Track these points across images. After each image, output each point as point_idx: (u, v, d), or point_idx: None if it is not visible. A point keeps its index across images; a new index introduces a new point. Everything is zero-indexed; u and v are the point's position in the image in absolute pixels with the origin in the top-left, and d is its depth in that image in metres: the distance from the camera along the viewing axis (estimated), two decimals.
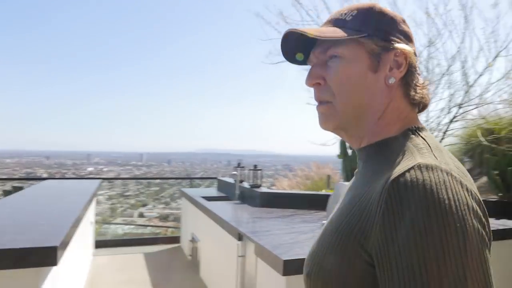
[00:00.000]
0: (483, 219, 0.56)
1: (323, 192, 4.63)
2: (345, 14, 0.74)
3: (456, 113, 3.98)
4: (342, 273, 0.62)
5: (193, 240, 4.62)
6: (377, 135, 0.73)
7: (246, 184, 4.76)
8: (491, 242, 0.56)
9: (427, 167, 0.58)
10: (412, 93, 0.73)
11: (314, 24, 4.32)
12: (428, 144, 0.66)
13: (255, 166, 4.66)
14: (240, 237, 2.99)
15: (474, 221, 0.54)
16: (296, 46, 0.77)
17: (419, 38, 3.93)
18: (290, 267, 2.19)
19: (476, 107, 4.13)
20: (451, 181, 0.56)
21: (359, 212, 0.62)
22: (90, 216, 4.40)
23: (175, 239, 5.78)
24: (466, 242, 0.51)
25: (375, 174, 0.67)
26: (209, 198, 4.72)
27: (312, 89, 0.77)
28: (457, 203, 0.54)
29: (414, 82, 0.73)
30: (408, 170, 0.58)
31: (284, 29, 4.44)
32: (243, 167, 5.03)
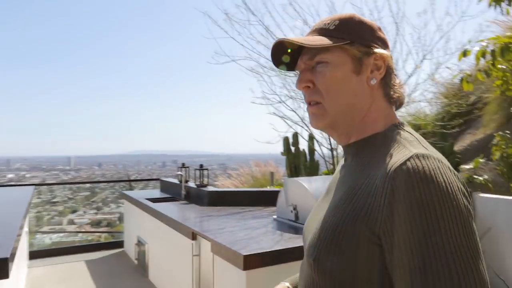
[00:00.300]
0: (468, 197, 0.67)
1: (269, 188, 4.75)
2: (328, 23, 0.82)
3: None
4: (351, 253, 0.69)
5: (140, 243, 4.51)
6: (364, 132, 0.82)
7: (192, 184, 4.74)
8: (473, 216, 0.67)
9: (423, 156, 0.67)
10: (391, 92, 0.83)
11: (259, 25, 4.43)
12: (416, 138, 0.77)
13: (201, 165, 4.66)
14: (194, 236, 2.99)
15: (463, 199, 0.64)
16: (283, 53, 0.85)
17: None
18: (250, 262, 2.25)
19: (406, 106, 4.50)
20: (443, 167, 0.66)
21: (364, 199, 0.70)
22: (25, 225, 4.11)
23: (118, 244, 5.57)
24: (461, 216, 0.62)
25: (370, 165, 0.75)
26: (154, 200, 4.63)
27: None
28: (451, 185, 0.64)
29: (392, 82, 0.83)
30: (408, 159, 0.67)
31: (230, 29, 4.51)
32: (187, 167, 5.00)
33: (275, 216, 3.36)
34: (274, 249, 2.35)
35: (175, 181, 5.19)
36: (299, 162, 5.00)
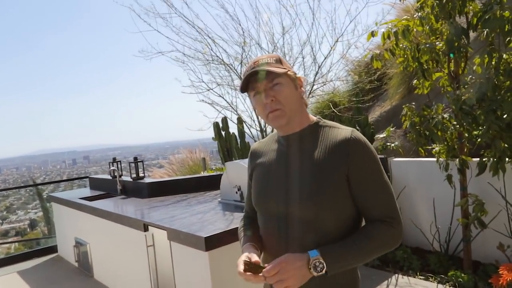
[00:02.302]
0: None
1: (206, 173, 4.89)
2: (270, 59, 1.26)
3: (311, 90, 4.68)
4: (336, 190, 1.18)
5: (79, 244, 4.38)
6: (302, 125, 1.29)
7: (127, 178, 4.69)
8: None
9: (355, 130, 1.24)
10: (306, 100, 1.34)
11: (179, 16, 4.46)
12: (335, 123, 1.30)
13: (136, 158, 4.63)
14: (145, 227, 3.06)
15: None
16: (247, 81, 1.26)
17: (276, 27, 4.43)
18: (211, 242, 2.42)
19: (323, 85, 4.93)
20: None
21: (334, 158, 1.19)
22: None
23: (50, 250, 5.31)
24: (380, 162, 1.23)
25: (323, 141, 1.23)
26: (90, 198, 4.52)
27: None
28: (371, 146, 1.23)
29: (304, 94, 1.33)
30: (351, 133, 1.21)
31: (153, 22, 4.42)
32: (119, 161, 4.92)
33: (219, 199, 3.54)
34: (231, 228, 2.55)
35: (107, 177, 5.08)
36: (231, 146, 5.20)
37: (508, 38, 2.82)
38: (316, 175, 1.18)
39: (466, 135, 3.23)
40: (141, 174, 4.56)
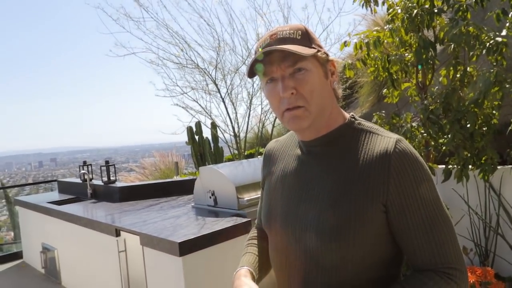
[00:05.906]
0: None
1: (179, 178, 4.85)
2: (293, 33, 0.91)
3: None
4: (368, 225, 0.86)
5: (46, 250, 4.26)
6: (330, 126, 0.96)
7: (97, 182, 4.60)
8: None
9: (402, 140, 0.89)
10: (338, 92, 1.00)
11: (154, 20, 4.43)
12: (375, 125, 0.96)
13: (107, 161, 4.55)
14: (117, 232, 3.01)
15: None
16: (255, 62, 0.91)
17: (250, 33, 4.49)
18: (185, 247, 2.42)
19: None
20: (412, 146, 0.90)
21: (368, 181, 0.87)
22: None
23: (15, 256, 5.12)
24: (432, 180, 0.89)
25: (353, 152, 0.91)
26: (58, 202, 4.40)
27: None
28: (422, 160, 0.90)
29: (338, 84, 0.99)
30: (396, 145, 0.87)
31: (126, 24, 4.40)
32: (90, 164, 4.83)
33: (193, 204, 3.53)
34: (205, 233, 2.55)
35: (77, 180, 4.96)
36: (204, 150, 5.20)
37: (471, 52, 2.98)
38: (340, 202, 0.88)
39: (433, 143, 3.37)
40: (112, 178, 4.49)
